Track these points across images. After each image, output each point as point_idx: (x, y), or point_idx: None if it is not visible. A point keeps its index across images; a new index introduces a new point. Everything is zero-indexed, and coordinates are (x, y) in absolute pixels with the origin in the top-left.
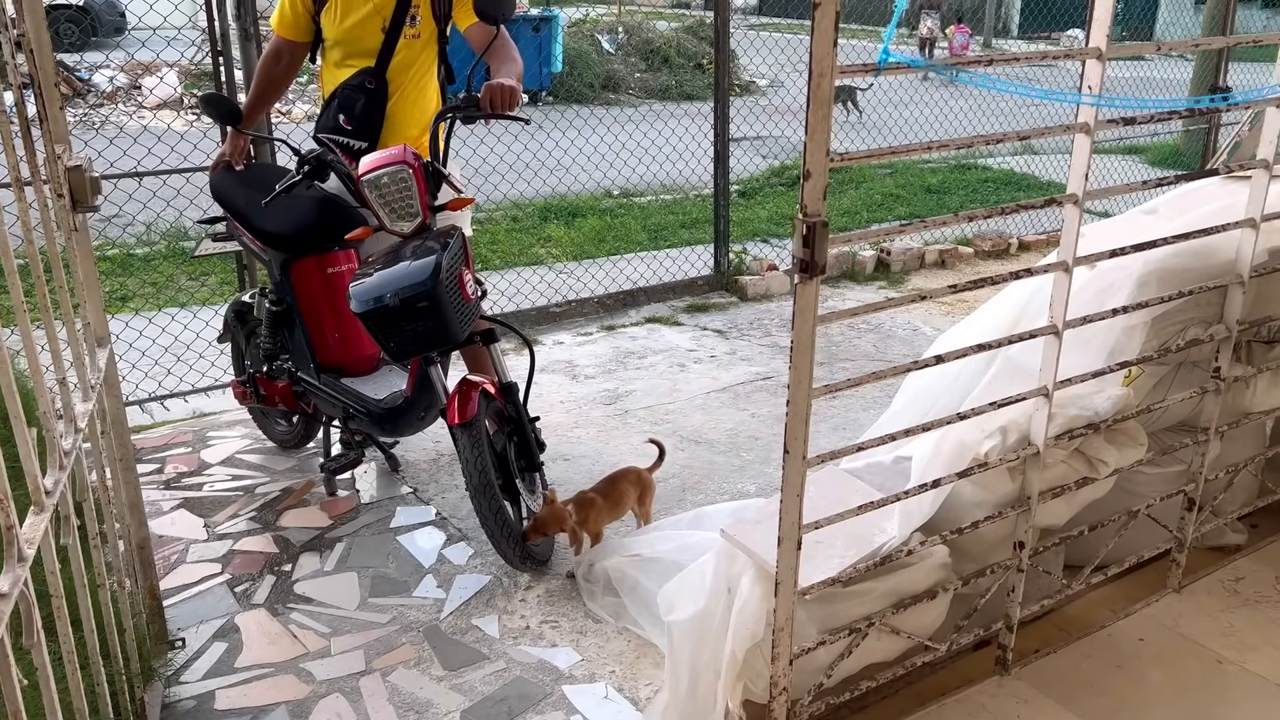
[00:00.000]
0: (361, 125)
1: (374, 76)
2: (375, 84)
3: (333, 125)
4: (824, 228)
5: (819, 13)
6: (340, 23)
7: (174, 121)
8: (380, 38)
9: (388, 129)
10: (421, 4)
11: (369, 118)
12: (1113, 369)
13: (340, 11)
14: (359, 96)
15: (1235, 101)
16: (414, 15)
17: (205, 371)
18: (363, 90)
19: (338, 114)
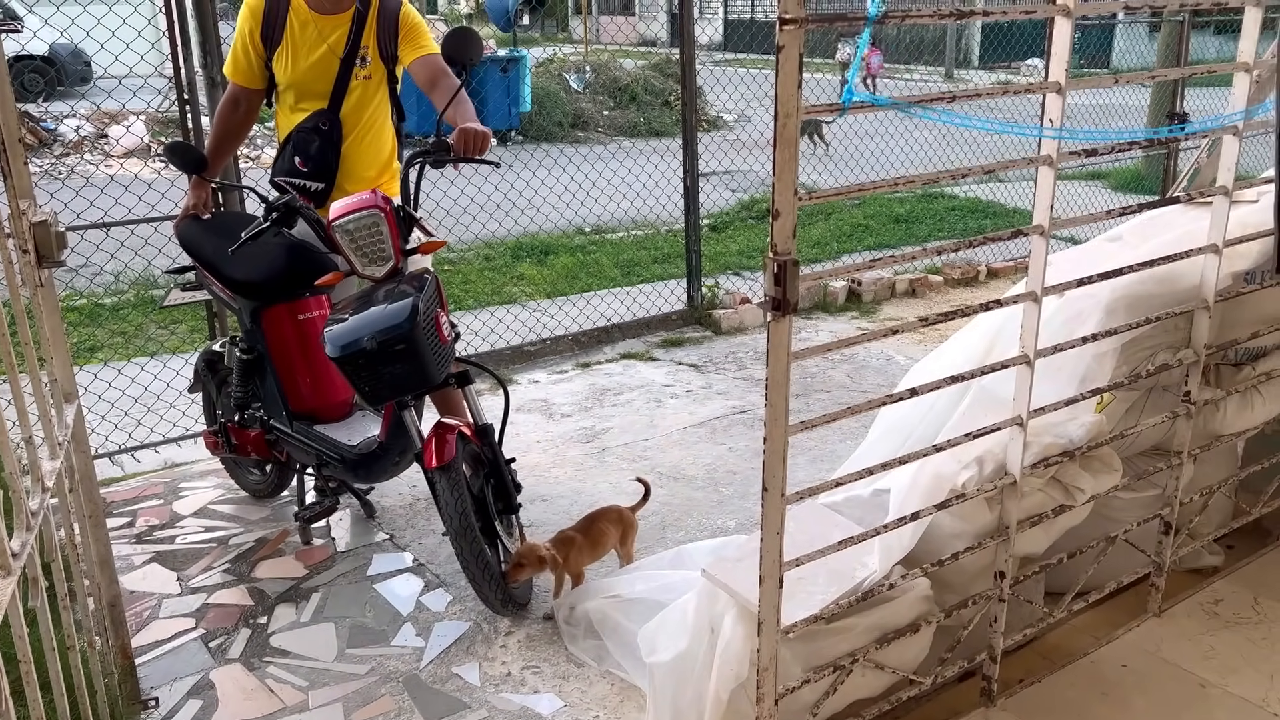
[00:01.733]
0: (317, 166)
1: (328, 118)
2: (329, 125)
3: (288, 168)
4: (795, 266)
5: (783, 55)
6: (292, 66)
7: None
8: (333, 79)
9: (344, 170)
10: (370, 45)
11: (324, 159)
12: (1085, 396)
13: (291, 56)
14: (314, 138)
15: (1192, 130)
16: (364, 56)
17: (176, 421)
18: (317, 132)
19: (293, 156)
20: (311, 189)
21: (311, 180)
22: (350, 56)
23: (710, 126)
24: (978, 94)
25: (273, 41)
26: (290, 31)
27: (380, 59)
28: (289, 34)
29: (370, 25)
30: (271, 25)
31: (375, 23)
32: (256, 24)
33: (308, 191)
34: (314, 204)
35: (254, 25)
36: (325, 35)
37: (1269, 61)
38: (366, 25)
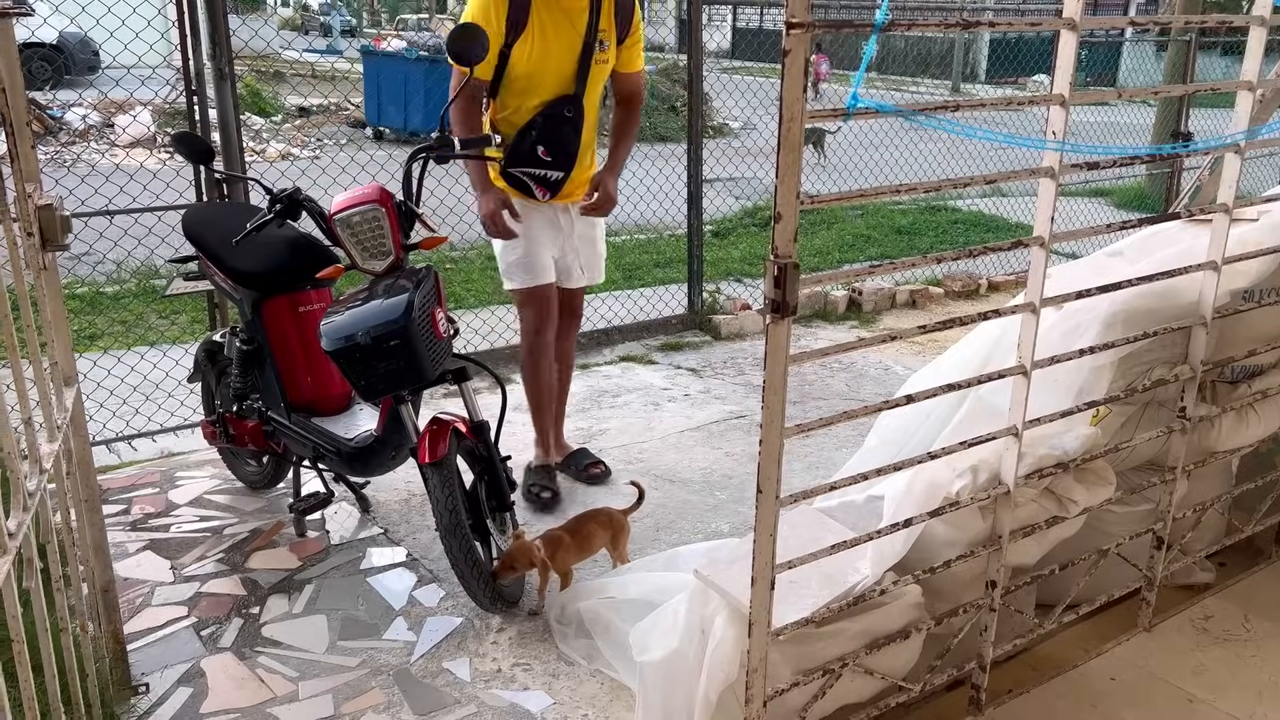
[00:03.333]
0: (561, 154)
1: (573, 104)
2: (574, 112)
3: (529, 157)
4: (795, 269)
5: (788, 59)
6: (539, 52)
7: (147, 160)
8: (576, 64)
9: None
10: (608, 28)
11: (569, 147)
12: (1081, 408)
13: (538, 40)
14: (561, 125)
15: (1194, 148)
16: (602, 40)
17: (174, 411)
18: (564, 119)
19: (536, 145)
20: (552, 179)
21: (553, 170)
22: (590, 40)
23: (716, 133)
24: (982, 104)
25: (518, 27)
26: (536, 16)
27: (616, 46)
28: (535, 18)
29: (608, 9)
30: (516, 10)
31: (612, 8)
32: (503, 10)
33: (548, 182)
34: (549, 194)
35: (500, 11)
36: (570, 19)
37: (1273, 81)
38: (604, 8)
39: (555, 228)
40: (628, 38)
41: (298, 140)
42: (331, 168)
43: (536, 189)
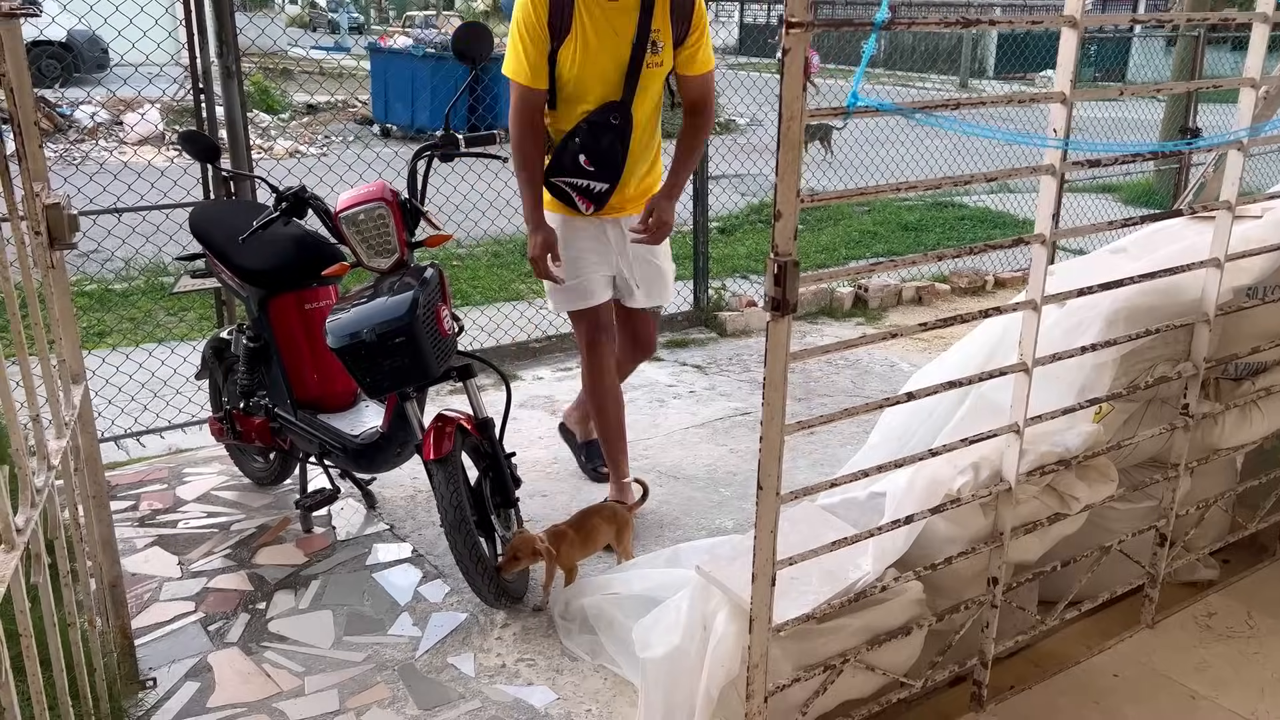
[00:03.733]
0: (605, 165)
1: (619, 111)
2: (620, 119)
3: (572, 167)
4: (795, 267)
5: (788, 58)
6: (582, 56)
7: (155, 158)
8: (625, 68)
9: (627, 167)
10: (662, 29)
11: (613, 157)
12: (1083, 405)
13: (581, 44)
14: (605, 134)
15: (1196, 145)
16: (655, 42)
17: (182, 408)
18: (608, 127)
19: (578, 154)
20: (595, 190)
21: (596, 181)
22: (641, 42)
23: (722, 129)
24: (982, 102)
25: (561, 31)
26: (579, 18)
27: (672, 44)
28: (578, 21)
29: (662, 7)
30: (559, 13)
31: (668, 5)
32: (543, 12)
33: (591, 194)
34: (594, 207)
35: (540, 14)
36: (615, 19)
37: (1276, 78)
38: (657, 6)
39: (604, 244)
40: (688, 37)
41: (305, 138)
42: (338, 165)
43: (580, 201)
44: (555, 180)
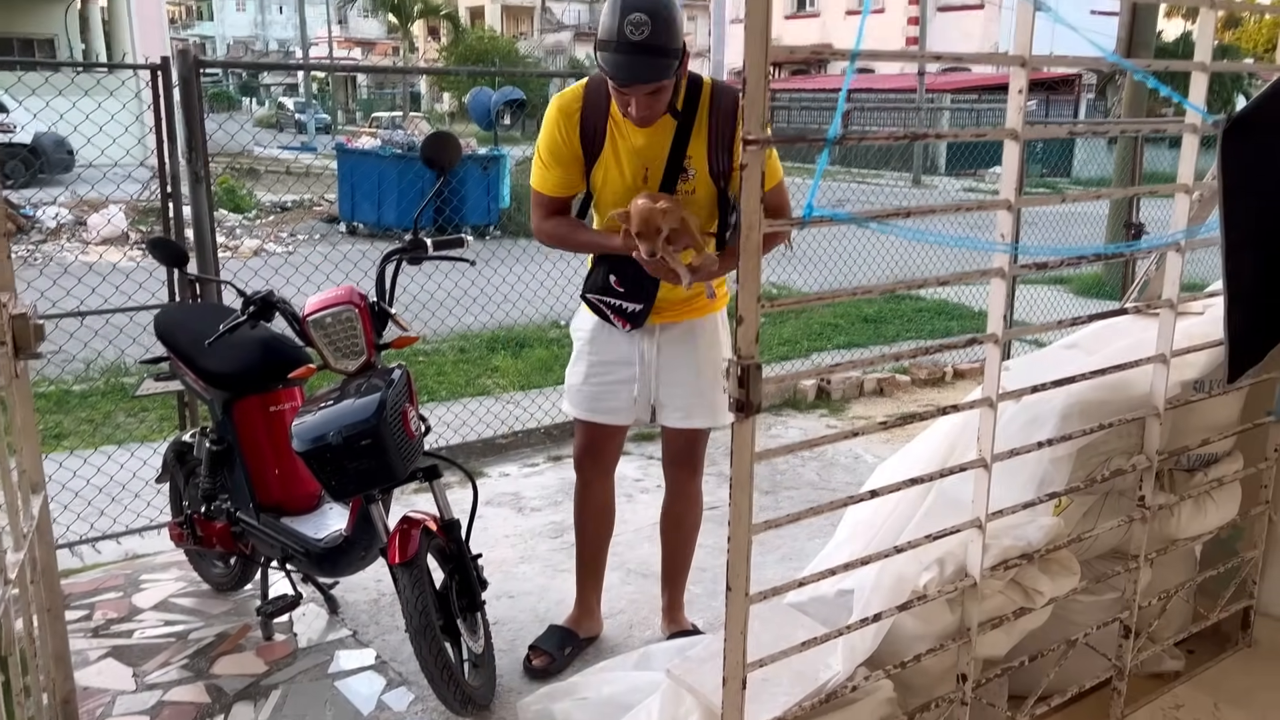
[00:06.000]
0: (635, 285)
1: None
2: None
3: (602, 285)
4: (758, 369)
5: (746, 173)
6: (610, 178)
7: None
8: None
9: (662, 290)
10: (696, 156)
11: (642, 277)
12: (1042, 500)
13: (608, 167)
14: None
15: (1138, 248)
16: (687, 169)
17: (140, 512)
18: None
19: (609, 273)
20: (629, 310)
21: (628, 301)
22: (674, 168)
23: None
24: (932, 210)
25: (593, 151)
26: (610, 141)
27: (709, 175)
28: (609, 143)
29: (699, 133)
30: (591, 130)
31: (705, 129)
32: (573, 131)
33: (624, 313)
34: (630, 325)
35: (570, 131)
36: (642, 146)
37: (1209, 183)
38: (693, 132)
39: (636, 358)
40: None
41: (271, 236)
42: (305, 266)
43: (615, 319)
44: (590, 296)
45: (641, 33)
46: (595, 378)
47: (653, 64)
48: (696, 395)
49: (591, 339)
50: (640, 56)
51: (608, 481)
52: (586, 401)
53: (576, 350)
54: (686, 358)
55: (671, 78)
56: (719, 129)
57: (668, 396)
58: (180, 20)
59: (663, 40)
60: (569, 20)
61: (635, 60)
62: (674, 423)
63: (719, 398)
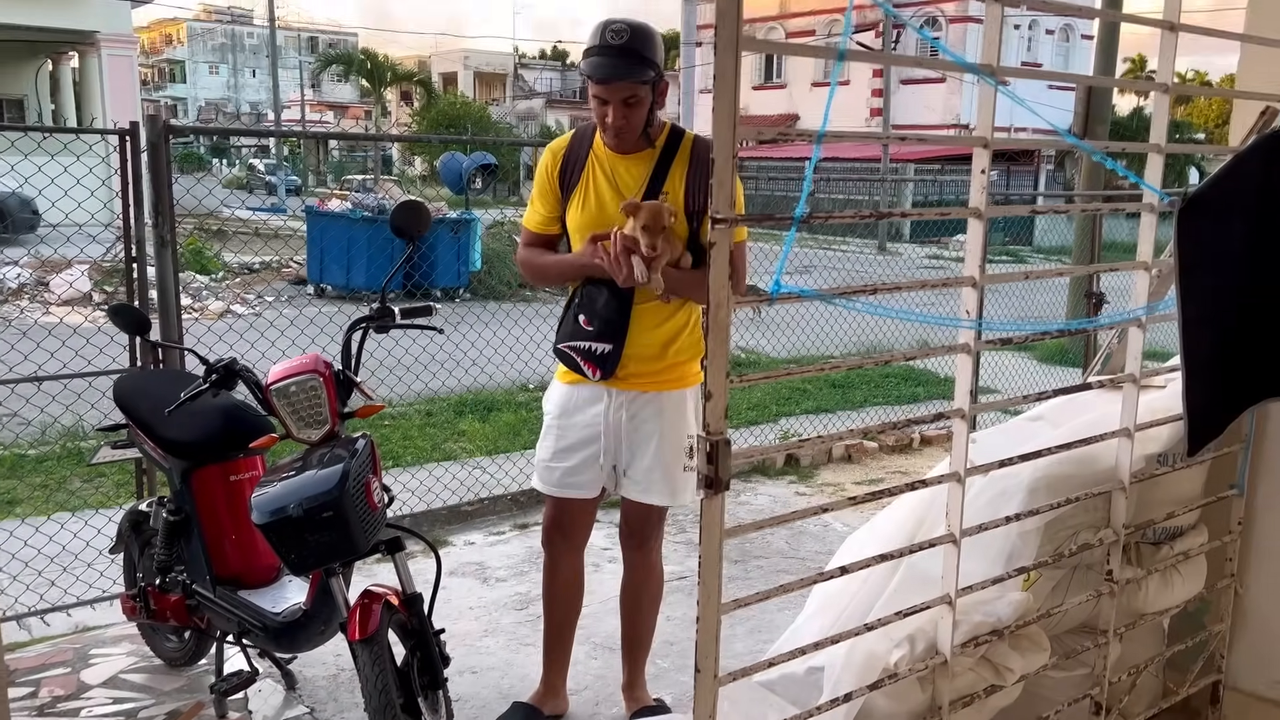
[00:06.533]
0: (605, 324)
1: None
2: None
3: (571, 330)
4: (727, 445)
5: (714, 251)
6: (583, 209)
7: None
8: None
9: (632, 333)
10: (673, 191)
11: (613, 316)
12: (1011, 575)
13: (583, 198)
14: (602, 291)
15: (1100, 324)
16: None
17: (92, 582)
18: (605, 285)
19: (578, 314)
20: (598, 352)
21: (598, 342)
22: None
23: None
24: (898, 287)
25: (569, 184)
26: (588, 172)
27: (684, 211)
28: (586, 174)
29: (677, 170)
30: (570, 165)
31: (684, 168)
32: (554, 167)
33: (594, 355)
34: (601, 372)
35: (552, 168)
36: (624, 175)
37: (1167, 260)
38: (673, 166)
39: (604, 426)
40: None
41: (238, 298)
42: (270, 331)
43: (585, 366)
44: (561, 346)
45: (621, 38)
46: (564, 452)
47: (630, 65)
48: (657, 471)
49: (560, 412)
50: (619, 58)
51: (577, 558)
52: (555, 476)
53: (546, 425)
54: (651, 431)
55: (647, 85)
56: (697, 169)
57: (630, 467)
58: (153, 82)
59: (640, 46)
60: (541, 87)
61: (614, 60)
62: (632, 495)
63: (679, 476)
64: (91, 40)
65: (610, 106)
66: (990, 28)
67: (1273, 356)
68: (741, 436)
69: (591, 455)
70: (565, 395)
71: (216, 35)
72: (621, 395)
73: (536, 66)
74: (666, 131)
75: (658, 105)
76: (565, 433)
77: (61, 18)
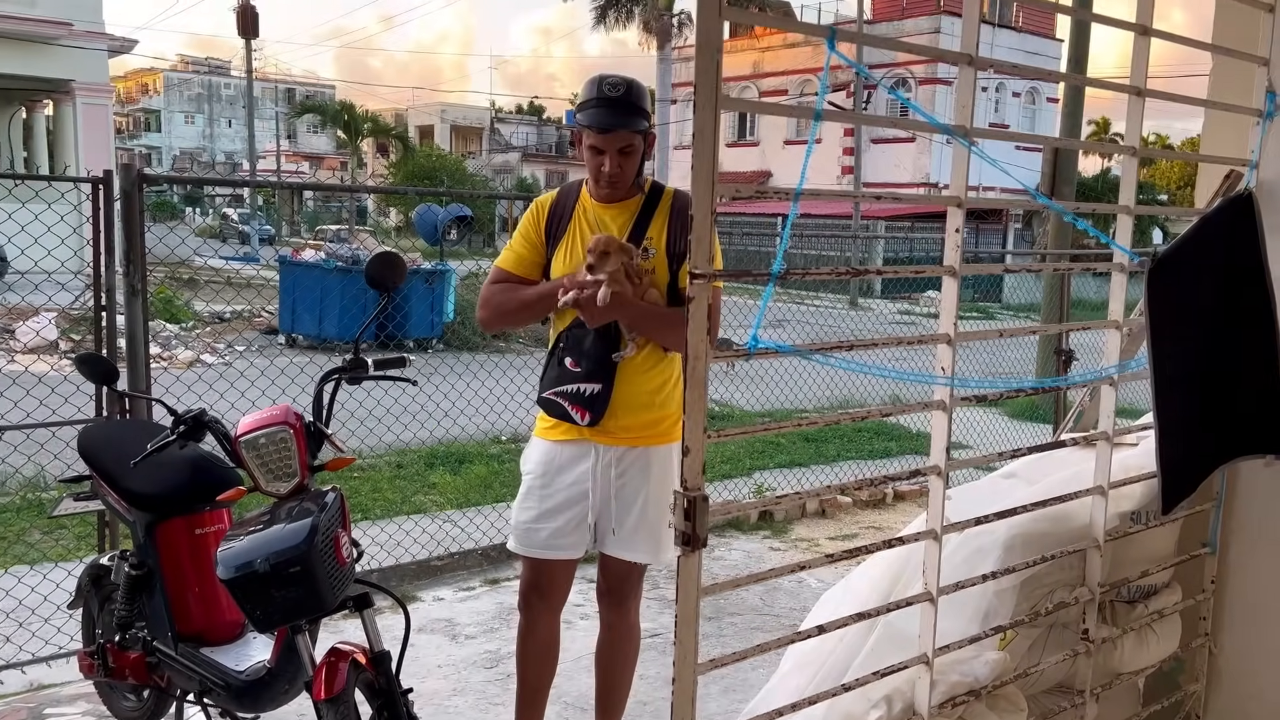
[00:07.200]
0: (593, 365)
1: None
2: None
3: (557, 374)
4: (704, 502)
5: (693, 305)
6: (569, 257)
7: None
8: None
9: (620, 376)
10: (656, 237)
11: (600, 356)
12: (988, 634)
13: (569, 247)
14: (586, 333)
15: (1073, 383)
16: (646, 248)
17: (49, 639)
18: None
19: (564, 357)
20: (587, 394)
21: (586, 383)
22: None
23: None
24: (874, 344)
25: (556, 235)
26: (574, 224)
27: (666, 255)
28: (572, 226)
29: (660, 217)
30: (557, 218)
31: (668, 215)
32: (541, 217)
33: (583, 398)
34: (590, 416)
35: (538, 218)
36: (608, 223)
37: (1137, 319)
38: (655, 215)
39: (588, 482)
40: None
41: (208, 347)
42: (241, 381)
43: (574, 410)
44: (547, 394)
45: (618, 90)
46: (550, 514)
47: (627, 115)
48: (643, 528)
49: (543, 472)
50: (616, 109)
51: (554, 620)
52: (540, 538)
53: (526, 487)
54: (638, 488)
55: (641, 134)
56: (678, 219)
57: (615, 524)
58: (127, 131)
59: (636, 99)
60: (517, 141)
61: (613, 110)
62: (614, 552)
63: (664, 533)
64: (67, 89)
65: (606, 156)
66: (963, 90)
67: (1242, 415)
68: (715, 490)
69: (579, 515)
70: (547, 454)
71: (193, 85)
72: (610, 452)
73: (513, 121)
74: (649, 185)
75: (647, 155)
76: (550, 493)
77: (38, 66)
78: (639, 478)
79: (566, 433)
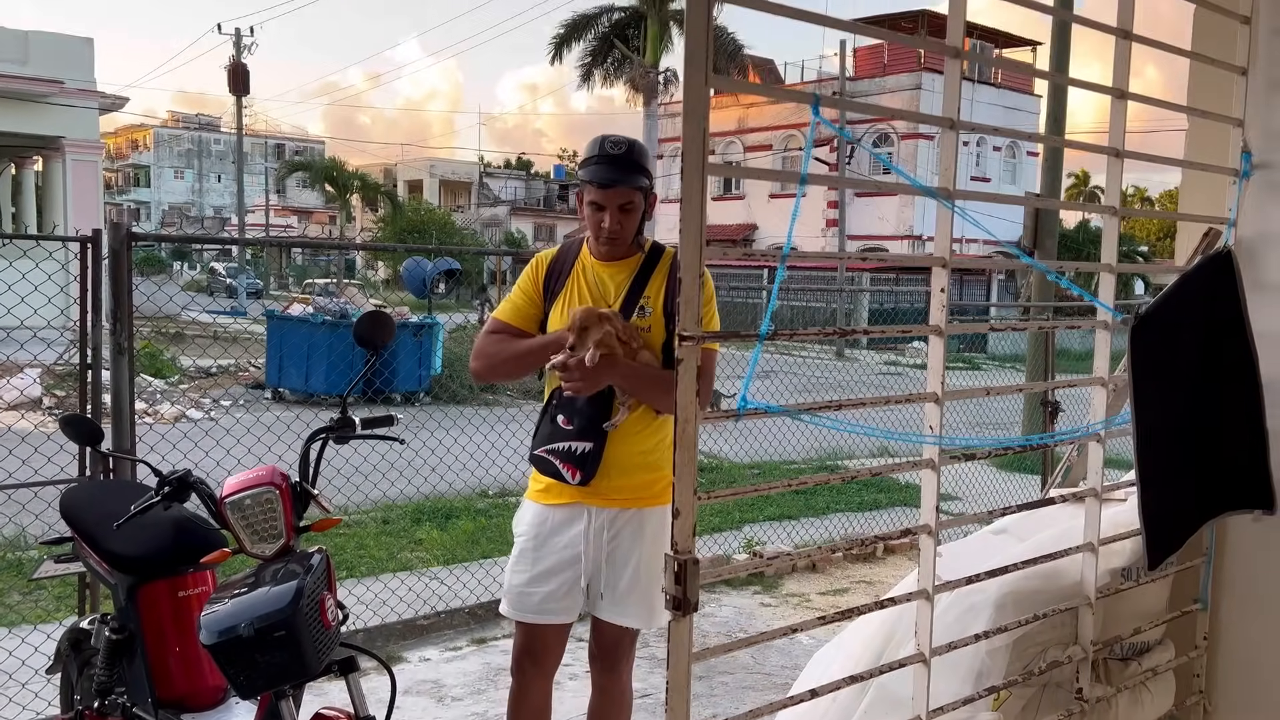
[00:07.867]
0: (585, 422)
1: None
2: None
3: (550, 431)
4: (695, 565)
5: (682, 367)
6: (564, 316)
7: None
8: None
9: (614, 432)
10: (653, 296)
11: (594, 414)
12: (981, 694)
13: (566, 303)
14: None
15: (1061, 438)
16: (644, 306)
17: (26, 704)
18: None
19: (556, 414)
20: (578, 452)
21: (578, 441)
22: (629, 305)
23: None
24: (862, 403)
25: (554, 290)
26: (573, 280)
27: (663, 314)
28: (571, 282)
29: (658, 276)
30: (556, 273)
31: (665, 275)
32: (540, 272)
33: (574, 457)
34: (581, 475)
35: (537, 273)
36: (606, 281)
37: (1121, 376)
38: (654, 275)
39: (580, 544)
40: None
41: (193, 402)
42: (226, 439)
43: (565, 469)
44: (539, 452)
45: (620, 149)
46: (543, 577)
47: (629, 172)
48: (635, 593)
49: (535, 534)
50: (618, 166)
51: (547, 685)
52: (533, 602)
53: (519, 550)
54: (631, 550)
55: (642, 192)
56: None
57: (607, 587)
58: (117, 186)
59: (637, 157)
60: (505, 195)
61: (614, 167)
62: (607, 616)
63: (657, 597)
64: (57, 145)
65: (607, 212)
66: (945, 153)
67: (1227, 470)
68: (705, 544)
69: (572, 578)
70: (539, 516)
71: (183, 141)
72: (603, 514)
73: (501, 175)
74: (649, 245)
75: (647, 215)
76: (542, 556)
77: (29, 124)
78: (631, 540)
79: (559, 495)
